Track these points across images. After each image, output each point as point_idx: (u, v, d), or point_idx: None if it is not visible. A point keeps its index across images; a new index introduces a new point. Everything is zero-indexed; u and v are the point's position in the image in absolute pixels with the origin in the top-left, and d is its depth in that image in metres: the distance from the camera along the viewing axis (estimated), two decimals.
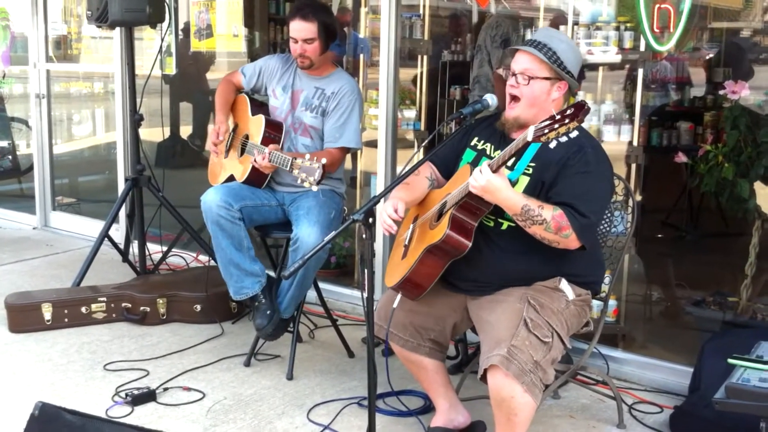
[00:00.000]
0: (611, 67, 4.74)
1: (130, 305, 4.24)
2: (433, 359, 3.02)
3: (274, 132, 3.69)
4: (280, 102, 3.78)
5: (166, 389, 3.47)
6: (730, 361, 2.44)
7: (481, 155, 2.89)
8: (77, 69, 6.73)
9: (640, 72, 4.02)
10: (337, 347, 3.92)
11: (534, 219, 2.58)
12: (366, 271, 2.56)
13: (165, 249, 4.95)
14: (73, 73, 6.81)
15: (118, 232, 5.26)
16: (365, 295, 2.57)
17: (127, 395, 3.35)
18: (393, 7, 4.28)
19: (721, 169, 3.67)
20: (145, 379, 3.56)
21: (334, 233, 2.64)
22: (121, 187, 5.41)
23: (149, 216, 4.86)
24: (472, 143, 2.95)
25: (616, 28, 4.09)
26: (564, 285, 2.80)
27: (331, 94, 3.69)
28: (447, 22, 6.04)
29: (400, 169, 4.15)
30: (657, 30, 3.86)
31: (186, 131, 6.83)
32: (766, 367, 2.38)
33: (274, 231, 3.75)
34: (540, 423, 3.18)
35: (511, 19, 4.81)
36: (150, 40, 5.82)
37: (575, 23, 4.19)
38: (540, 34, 2.84)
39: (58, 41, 6.41)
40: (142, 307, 4.22)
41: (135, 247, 4.85)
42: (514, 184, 2.67)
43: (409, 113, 5.16)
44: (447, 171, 3.00)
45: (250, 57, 6.10)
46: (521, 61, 2.79)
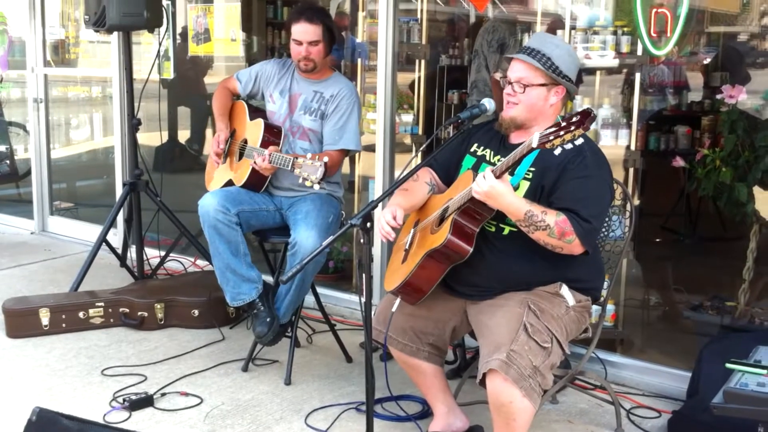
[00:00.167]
0: (609, 71, 4.76)
1: (127, 310, 4.23)
2: (432, 364, 3.02)
3: (273, 136, 3.68)
4: (278, 106, 3.78)
5: (163, 394, 3.46)
6: (728, 365, 2.44)
7: (481, 161, 2.89)
8: (75, 73, 6.73)
9: (638, 76, 4.03)
10: (336, 352, 3.92)
11: (537, 225, 2.58)
12: (364, 275, 2.56)
13: (163, 254, 4.95)
14: (71, 77, 6.81)
15: (116, 237, 5.25)
16: (363, 299, 2.57)
17: (124, 400, 3.34)
18: (391, 11, 4.28)
19: (718, 173, 3.68)
20: (142, 385, 3.56)
21: (332, 238, 2.65)
22: (118, 191, 5.41)
23: (147, 221, 4.86)
24: (472, 149, 2.95)
25: (614, 33, 4.09)
26: (564, 291, 2.79)
27: (330, 97, 3.70)
28: (445, 26, 6.04)
29: (398, 173, 4.17)
30: (654, 34, 3.86)
31: (184, 135, 6.84)
32: (764, 371, 2.38)
33: (272, 235, 3.74)
34: (538, 428, 3.17)
35: (508, 23, 4.81)
36: (148, 45, 5.82)
37: (572, 27, 4.19)
38: (534, 41, 2.84)
39: (56, 45, 6.41)
40: (139, 312, 4.22)
41: (133, 251, 4.85)
42: (515, 189, 2.66)
43: (406, 118, 5.16)
44: (447, 176, 3.00)
45: (248, 61, 6.09)
46: (516, 70, 2.79)
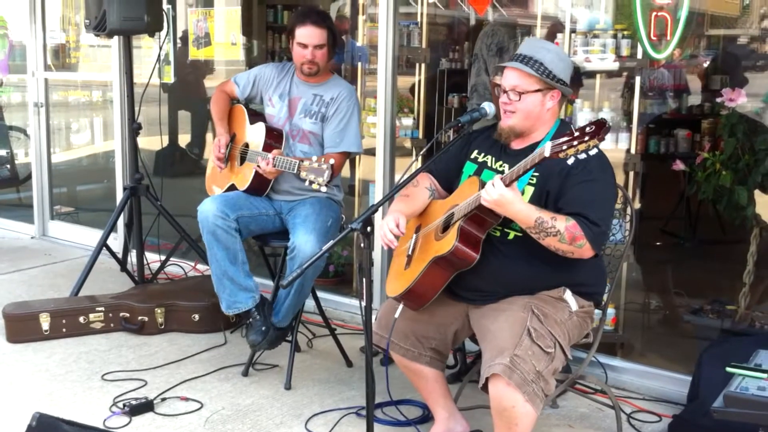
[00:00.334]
0: (609, 74, 4.75)
1: (128, 315, 4.23)
2: (434, 368, 3.01)
3: (274, 139, 3.68)
4: (277, 110, 3.78)
5: (164, 399, 3.46)
6: (729, 369, 2.44)
7: (482, 168, 2.89)
8: (75, 78, 6.74)
9: (638, 80, 4.02)
10: (336, 356, 3.92)
11: (548, 231, 2.57)
12: (364, 280, 2.56)
13: (163, 258, 4.95)
14: (72, 81, 6.82)
15: (117, 242, 5.25)
16: (364, 304, 2.57)
17: (125, 405, 3.34)
18: (391, 15, 4.29)
19: (718, 176, 3.68)
20: (143, 389, 3.55)
21: (332, 242, 2.64)
22: (119, 196, 5.41)
23: (147, 225, 4.86)
24: (472, 156, 2.95)
25: (614, 36, 4.10)
26: (568, 296, 2.79)
27: (330, 100, 3.70)
28: (445, 29, 6.05)
29: (398, 177, 4.17)
30: (654, 38, 3.86)
31: (184, 140, 6.84)
32: (764, 375, 2.38)
33: (272, 240, 3.74)
34: None
35: (508, 27, 4.81)
36: (148, 49, 5.82)
37: (572, 31, 4.19)
38: (525, 47, 2.82)
39: (56, 50, 6.42)
40: (140, 317, 4.21)
41: (133, 256, 4.84)
42: (521, 194, 2.66)
43: (407, 121, 5.15)
44: (447, 182, 2.99)
45: (249, 65, 6.09)
46: (510, 78, 2.78)
